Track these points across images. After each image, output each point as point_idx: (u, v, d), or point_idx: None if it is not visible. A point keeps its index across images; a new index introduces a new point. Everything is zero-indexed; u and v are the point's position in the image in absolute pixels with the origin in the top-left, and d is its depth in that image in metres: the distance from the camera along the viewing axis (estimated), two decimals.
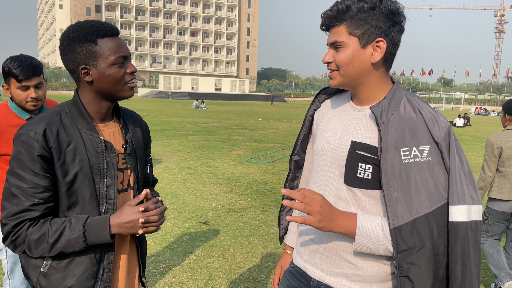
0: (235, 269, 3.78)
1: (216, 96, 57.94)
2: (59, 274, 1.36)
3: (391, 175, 1.22)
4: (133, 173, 1.50)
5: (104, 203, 1.39)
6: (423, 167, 1.21)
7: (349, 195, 1.33)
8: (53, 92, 58.32)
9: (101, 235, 1.33)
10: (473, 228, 1.20)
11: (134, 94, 1.45)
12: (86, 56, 1.34)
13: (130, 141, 1.48)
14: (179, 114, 24.52)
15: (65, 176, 1.32)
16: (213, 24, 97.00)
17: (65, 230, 1.31)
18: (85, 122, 1.38)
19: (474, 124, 25.82)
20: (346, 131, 1.37)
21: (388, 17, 1.25)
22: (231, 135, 14.48)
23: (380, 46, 1.26)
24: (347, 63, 1.28)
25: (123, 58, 1.37)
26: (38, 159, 1.28)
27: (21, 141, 1.29)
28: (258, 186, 6.99)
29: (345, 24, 1.27)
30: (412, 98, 1.32)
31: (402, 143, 1.23)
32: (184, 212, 5.44)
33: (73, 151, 1.33)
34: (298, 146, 1.62)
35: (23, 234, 1.30)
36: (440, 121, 1.25)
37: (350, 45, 1.27)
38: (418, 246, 1.19)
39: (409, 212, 1.20)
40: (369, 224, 1.25)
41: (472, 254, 1.20)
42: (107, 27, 1.36)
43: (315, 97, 1.58)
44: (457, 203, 1.19)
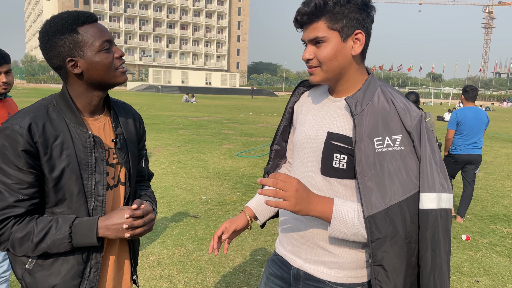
0: (225, 262, 3.80)
1: (207, 90, 57.67)
2: (44, 271, 1.33)
3: (365, 164, 1.25)
4: (124, 168, 1.46)
5: (92, 199, 1.35)
6: (396, 156, 1.24)
7: (325, 185, 1.36)
8: (40, 86, 57.54)
9: (87, 237, 1.29)
10: (443, 216, 1.23)
11: (126, 78, 1.41)
12: (71, 48, 1.28)
13: (120, 135, 1.44)
14: (169, 108, 24.37)
15: (51, 172, 1.28)
16: (204, 17, 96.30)
17: (51, 230, 1.27)
18: (73, 116, 1.33)
19: None
20: (323, 122, 1.39)
21: (362, 9, 1.27)
22: (221, 129, 14.46)
23: (359, 38, 1.28)
24: (331, 58, 1.29)
25: (108, 42, 1.32)
26: (23, 154, 1.24)
27: (6, 135, 1.25)
28: (248, 180, 7.01)
29: (324, 19, 1.27)
30: (386, 89, 1.34)
31: (375, 133, 1.26)
32: (174, 205, 5.44)
33: (60, 146, 1.29)
34: (279, 136, 1.65)
35: (7, 232, 1.26)
36: (412, 110, 1.28)
37: (332, 40, 1.27)
38: (392, 234, 1.22)
39: (383, 200, 1.22)
40: (345, 209, 1.26)
41: (442, 241, 1.23)
42: (84, 14, 1.31)
43: (294, 89, 1.59)
44: (427, 190, 1.22)
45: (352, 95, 1.32)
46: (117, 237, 1.33)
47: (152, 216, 1.40)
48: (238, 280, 3.46)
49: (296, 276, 1.45)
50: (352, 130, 1.29)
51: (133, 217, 1.33)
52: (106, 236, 1.33)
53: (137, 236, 1.37)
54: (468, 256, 4.19)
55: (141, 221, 1.35)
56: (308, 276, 1.41)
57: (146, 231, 1.38)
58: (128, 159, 1.48)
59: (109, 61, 1.33)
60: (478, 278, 3.70)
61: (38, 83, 60.87)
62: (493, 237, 4.75)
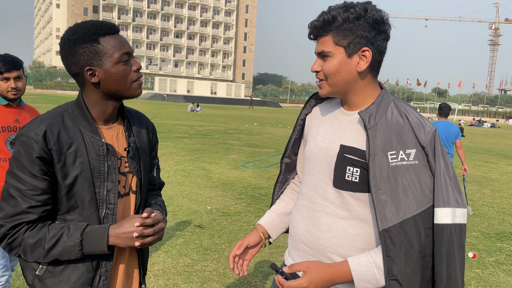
0: (230, 273, 3.78)
1: (212, 100, 57.95)
2: (54, 278, 1.33)
3: (379, 178, 1.25)
4: (136, 177, 1.46)
5: (103, 207, 1.35)
6: (410, 170, 1.25)
7: (338, 197, 1.36)
8: (47, 91, 58.01)
9: (98, 245, 1.29)
10: (457, 231, 1.23)
11: (141, 92, 1.43)
12: (90, 57, 1.29)
13: (133, 144, 1.45)
14: (174, 116, 24.47)
15: (64, 179, 1.29)
16: (211, 28, 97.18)
17: (63, 237, 1.27)
18: (87, 124, 1.34)
19: (468, 135, 26.03)
20: (336, 135, 1.40)
21: (373, 27, 1.28)
22: (226, 139, 14.48)
23: (366, 56, 1.30)
24: (334, 72, 1.31)
25: (127, 55, 1.34)
26: (37, 160, 1.25)
27: (21, 141, 1.26)
28: (253, 191, 6.99)
29: (331, 35, 1.30)
30: (399, 104, 1.35)
31: (389, 147, 1.27)
32: (179, 215, 5.43)
33: (74, 154, 1.30)
34: (289, 149, 1.65)
35: (19, 238, 1.27)
36: (426, 125, 1.29)
37: (336, 55, 1.30)
38: (407, 248, 1.22)
39: (397, 214, 1.22)
40: (362, 269, 1.27)
41: (457, 256, 1.23)
42: (107, 25, 1.32)
43: (306, 101, 1.61)
44: (442, 205, 1.22)
45: (365, 109, 1.34)
46: (128, 245, 1.33)
47: (163, 225, 1.40)
48: None
49: None
50: (366, 143, 1.30)
51: (144, 226, 1.33)
52: (116, 245, 1.33)
53: (147, 245, 1.37)
54: (475, 274, 4.14)
55: (152, 230, 1.35)
56: None
57: (156, 240, 1.38)
58: (140, 168, 1.48)
59: (127, 74, 1.34)
60: None
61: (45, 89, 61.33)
62: (500, 255, 4.70)
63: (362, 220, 1.34)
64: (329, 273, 1.28)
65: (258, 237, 1.62)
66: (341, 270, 1.28)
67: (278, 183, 1.71)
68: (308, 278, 1.26)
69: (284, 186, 1.72)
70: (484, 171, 10.93)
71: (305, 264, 1.28)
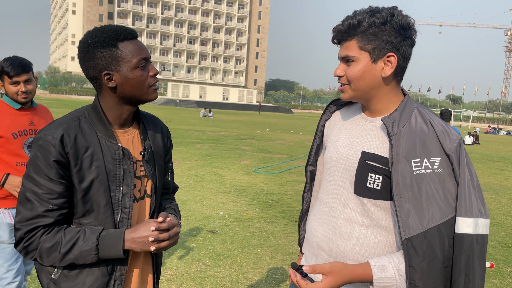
0: (242, 279, 3.76)
1: (224, 106, 58.17)
2: (69, 282, 1.33)
3: (403, 186, 1.23)
4: (151, 181, 1.46)
5: (119, 211, 1.35)
6: (434, 178, 1.22)
7: (358, 205, 1.34)
8: (62, 96, 58.89)
9: (113, 249, 1.29)
10: (479, 241, 1.21)
11: (157, 96, 1.44)
12: (108, 61, 1.30)
13: (148, 148, 1.45)
14: (186, 122, 24.61)
15: (81, 183, 1.29)
16: (223, 34, 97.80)
17: (78, 241, 1.28)
18: (103, 128, 1.35)
19: (483, 142, 25.65)
20: (357, 142, 1.38)
21: (399, 32, 1.26)
22: (238, 144, 14.50)
23: (391, 61, 1.28)
24: (358, 77, 1.30)
25: (144, 60, 1.34)
26: (54, 164, 1.25)
27: (39, 145, 1.27)
28: (266, 197, 6.97)
29: (356, 39, 1.28)
30: (424, 111, 1.33)
31: (413, 155, 1.24)
32: (192, 220, 5.43)
33: (90, 157, 1.30)
34: (312, 156, 1.63)
35: (36, 241, 1.27)
36: (451, 133, 1.27)
37: (361, 60, 1.28)
38: (430, 258, 1.19)
39: (421, 223, 1.20)
40: (384, 274, 1.24)
41: (477, 267, 1.20)
42: (126, 30, 1.33)
43: (326, 107, 1.59)
44: (464, 215, 1.19)
45: (388, 115, 1.31)
46: (143, 250, 1.33)
47: (178, 230, 1.40)
48: None
49: None
50: (389, 150, 1.27)
51: (159, 230, 1.33)
52: (132, 249, 1.32)
53: (163, 249, 1.36)
54: (492, 284, 4.05)
55: (167, 235, 1.35)
56: None
57: (171, 245, 1.38)
58: (155, 172, 1.48)
59: (144, 79, 1.35)
60: None
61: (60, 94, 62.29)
62: None
63: (383, 228, 1.32)
64: (350, 276, 1.25)
65: None
66: (362, 273, 1.26)
67: (305, 192, 1.69)
68: (328, 282, 1.23)
69: (311, 194, 1.70)
70: (501, 179, 10.74)
71: (328, 268, 1.25)
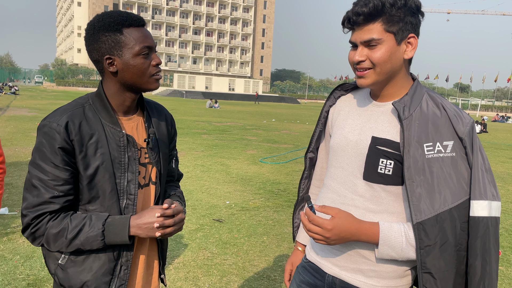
0: (249, 267, 3.80)
1: (230, 96, 58.06)
2: (76, 268, 1.35)
3: (414, 170, 1.23)
4: (156, 168, 1.47)
5: (124, 198, 1.37)
6: (447, 162, 1.22)
7: (368, 191, 1.33)
8: (69, 88, 59.13)
9: (119, 235, 1.31)
10: (493, 224, 1.22)
11: (159, 85, 1.43)
12: (111, 46, 1.30)
13: (153, 135, 1.45)
14: (192, 113, 24.64)
15: (86, 169, 1.30)
16: (229, 24, 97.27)
17: (85, 227, 1.29)
18: (108, 115, 1.36)
19: (491, 131, 25.42)
20: (366, 127, 1.37)
21: (415, 13, 1.26)
22: (244, 135, 14.51)
23: (412, 42, 1.27)
24: (386, 60, 1.26)
25: (148, 48, 1.33)
26: (59, 151, 1.26)
27: (44, 132, 1.28)
28: (272, 186, 7.00)
29: (381, 21, 1.24)
30: (434, 95, 1.33)
31: (426, 139, 1.24)
32: (198, 209, 5.47)
33: (95, 144, 1.31)
34: (314, 143, 1.62)
35: (42, 227, 1.29)
36: (464, 117, 1.26)
37: (387, 42, 1.25)
38: (441, 241, 1.20)
39: (432, 207, 1.21)
40: (392, 234, 1.25)
41: (493, 250, 1.22)
42: (133, 17, 1.33)
43: (330, 93, 1.57)
44: (478, 198, 1.20)
45: (399, 99, 1.30)
46: (148, 236, 1.34)
47: (183, 216, 1.41)
48: (262, 286, 3.45)
49: (331, 284, 1.42)
50: (400, 135, 1.27)
51: (164, 216, 1.34)
52: (137, 235, 1.34)
53: (168, 235, 1.38)
54: (499, 271, 4.05)
55: (172, 221, 1.36)
56: (344, 284, 1.38)
57: (176, 231, 1.39)
58: (159, 159, 1.49)
59: (145, 67, 1.34)
60: None
61: (67, 86, 62.52)
62: None
63: (392, 213, 1.31)
64: (356, 228, 1.26)
65: (300, 254, 1.66)
66: (369, 229, 1.26)
67: (303, 179, 1.67)
68: (335, 222, 1.24)
69: (310, 182, 1.69)
70: (508, 167, 10.67)
71: (336, 210, 1.26)
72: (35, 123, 14.14)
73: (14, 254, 3.78)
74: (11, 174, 6.74)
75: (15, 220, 4.67)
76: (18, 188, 5.94)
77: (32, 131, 12.02)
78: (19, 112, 18.08)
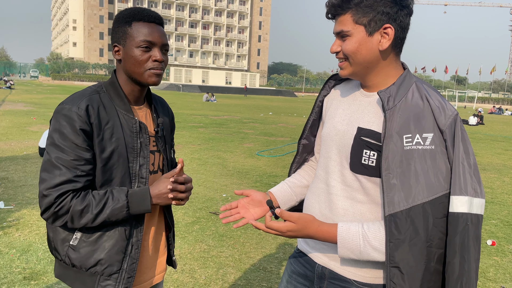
0: (245, 259, 3.81)
1: (227, 90, 57.93)
2: (89, 247, 1.40)
3: (391, 161, 1.20)
4: (163, 155, 1.56)
5: (136, 181, 1.44)
6: (425, 155, 1.19)
7: (355, 181, 1.32)
8: (65, 83, 58.85)
9: (142, 205, 1.39)
10: (474, 222, 1.17)
11: (157, 81, 1.46)
12: (119, 36, 1.42)
13: (161, 124, 1.55)
14: (189, 106, 24.58)
15: (102, 153, 1.37)
16: (225, 17, 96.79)
17: (108, 201, 1.36)
18: (122, 103, 1.44)
19: (487, 123, 25.51)
20: (353, 117, 1.36)
21: (395, 2, 1.22)
22: (241, 128, 14.50)
23: (388, 33, 1.24)
24: (355, 52, 1.26)
25: (148, 43, 1.39)
26: (81, 132, 1.32)
27: (63, 115, 1.33)
28: (268, 179, 7.00)
29: (351, 13, 1.24)
30: (422, 85, 1.29)
31: (406, 130, 1.21)
32: (195, 202, 5.48)
33: (111, 129, 1.38)
34: (307, 130, 1.61)
35: (66, 205, 1.32)
36: (447, 109, 1.22)
37: (356, 34, 1.25)
38: (411, 236, 1.17)
39: (406, 200, 1.17)
40: (349, 236, 1.24)
41: (472, 248, 1.17)
42: (144, 13, 1.42)
43: (325, 82, 1.56)
44: (458, 193, 1.16)
45: (385, 89, 1.28)
46: (167, 203, 1.46)
47: (191, 186, 1.52)
48: (259, 278, 3.47)
49: (320, 275, 1.42)
50: (382, 125, 1.25)
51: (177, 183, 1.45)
52: (158, 203, 1.44)
53: (180, 201, 1.48)
54: (493, 261, 4.09)
55: (184, 187, 1.46)
56: (334, 274, 1.39)
57: (187, 198, 1.50)
58: (166, 147, 1.59)
59: (142, 59, 1.40)
60: (504, 284, 3.60)
61: (63, 80, 62.21)
62: None
63: (379, 204, 1.30)
64: (314, 231, 1.26)
65: (264, 195, 1.56)
66: (327, 232, 1.26)
67: (294, 163, 1.66)
68: (289, 226, 1.25)
69: (301, 165, 1.68)
70: (504, 159, 10.72)
71: (295, 217, 1.25)
72: (30, 117, 14.07)
73: (10, 248, 3.78)
74: (7, 168, 6.72)
75: (11, 214, 4.66)
76: (14, 182, 5.92)
77: (28, 126, 11.97)
78: (15, 107, 17.98)
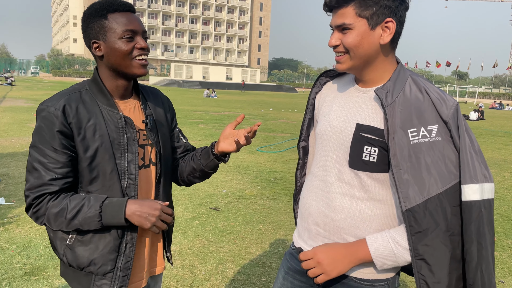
0: (245, 254, 3.82)
1: (227, 86, 57.83)
2: (83, 246, 1.40)
3: (400, 157, 1.21)
4: (155, 148, 1.51)
5: (125, 178, 1.41)
6: (433, 147, 1.20)
7: (354, 178, 1.32)
8: (66, 79, 58.82)
9: (116, 217, 1.34)
10: (486, 207, 1.19)
11: (145, 72, 1.44)
12: (97, 31, 1.36)
13: (150, 116, 1.50)
14: (190, 102, 24.57)
15: (86, 151, 1.35)
16: (225, 12, 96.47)
17: (83, 208, 1.33)
18: (104, 99, 1.40)
19: (488, 118, 25.45)
20: (350, 114, 1.35)
21: None
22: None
23: (389, 27, 1.24)
24: (357, 45, 1.24)
25: (131, 32, 1.36)
26: (58, 135, 1.31)
27: (42, 116, 1.33)
28: (268, 175, 7.01)
29: (353, 5, 1.22)
30: (418, 79, 1.29)
31: (410, 124, 1.22)
32: (195, 198, 5.49)
33: (93, 127, 1.36)
34: (304, 131, 1.60)
35: (43, 207, 1.34)
36: (448, 100, 1.23)
37: (358, 28, 1.23)
38: (432, 228, 1.19)
39: (421, 193, 1.19)
40: (379, 243, 1.26)
41: (487, 233, 1.19)
42: (118, 3, 1.37)
43: (316, 79, 1.55)
44: (469, 181, 1.17)
45: (382, 85, 1.28)
46: (139, 224, 1.36)
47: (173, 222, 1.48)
48: (258, 273, 3.48)
49: None
50: (384, 122, 1.25)
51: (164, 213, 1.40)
52: (130, 219, 1.36)
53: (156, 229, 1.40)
54: None
55: (171, 219, 1.41)
56: None
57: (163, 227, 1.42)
58: (158, 139, 1.54)
59: (127, 49, 1.36)
60: (503, 279, 3.62)
61: (64, 76, 62.22)
62: None
63: (379, 200, 1.31)
64: (343, 252, 1.28)
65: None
66: (358, 249, 1.27)
67: (298, 169, 1.65)
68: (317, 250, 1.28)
69: (304, 171, 1.67)
70: (505, 154, 10.71)
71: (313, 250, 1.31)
72: (31, 114, 14.08)
73: (11, 243, 3.80)
74: (7, 164, 6.74)
75: (12, 210, 4.68)
76: (15, 178, 5.94)
77: (29, 122, 11.98)
78: (16, 103, 17.99)
